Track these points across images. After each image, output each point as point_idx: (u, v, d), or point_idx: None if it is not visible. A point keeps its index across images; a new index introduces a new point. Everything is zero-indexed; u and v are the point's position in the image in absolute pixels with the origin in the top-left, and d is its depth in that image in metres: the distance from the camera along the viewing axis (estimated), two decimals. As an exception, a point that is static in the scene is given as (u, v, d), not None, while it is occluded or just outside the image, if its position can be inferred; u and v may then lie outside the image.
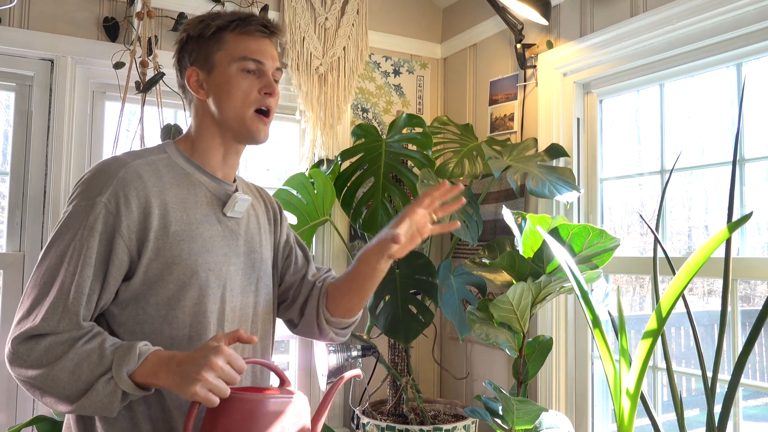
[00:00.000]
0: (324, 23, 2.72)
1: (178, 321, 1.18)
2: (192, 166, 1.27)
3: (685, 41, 1.99)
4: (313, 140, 2.69)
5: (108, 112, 2.43)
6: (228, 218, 1.29)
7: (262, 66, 1.27)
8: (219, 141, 1.29)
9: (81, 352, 1.07)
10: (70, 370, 1.05)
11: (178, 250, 1.17)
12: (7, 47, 2.21)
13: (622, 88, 2.28)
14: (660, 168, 2.16)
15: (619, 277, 2.47)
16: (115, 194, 1.14)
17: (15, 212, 2.26)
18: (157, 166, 1.22)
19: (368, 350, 2.34)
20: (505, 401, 1.68)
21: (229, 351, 1.03)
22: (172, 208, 1.19)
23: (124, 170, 1.17)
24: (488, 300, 1.81)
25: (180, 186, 1.23)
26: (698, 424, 3.02)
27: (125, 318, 1.17)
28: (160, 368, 1.05)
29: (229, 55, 1.26)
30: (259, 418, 1.05)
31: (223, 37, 1.27)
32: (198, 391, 0.99)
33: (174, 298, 1.17)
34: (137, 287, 1.16)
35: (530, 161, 2.28)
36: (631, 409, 1.34)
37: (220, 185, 1.30)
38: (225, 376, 1.01)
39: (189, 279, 1.18)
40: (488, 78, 2.77)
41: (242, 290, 1.30)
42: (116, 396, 1.05)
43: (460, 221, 2.13)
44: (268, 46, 1.30)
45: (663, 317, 1.30)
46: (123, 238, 1.13)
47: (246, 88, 1.26)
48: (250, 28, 1.28)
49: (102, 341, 1.09)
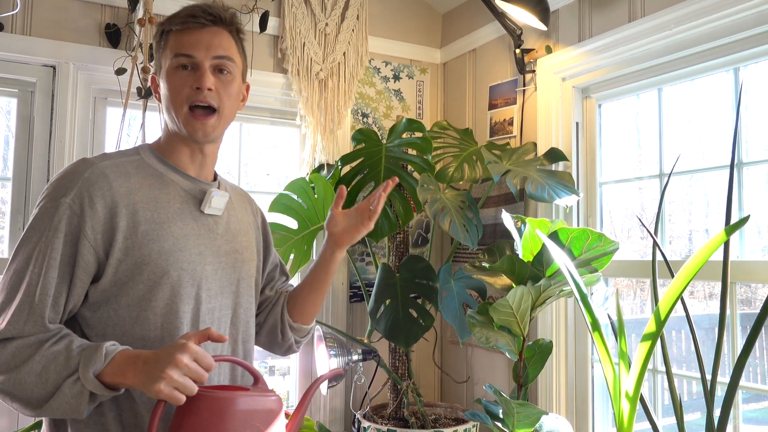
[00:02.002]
0: (324, 29, 2.73)
1: (149, 322, 1.15)
2: (165, 165, 1.25)
3: (683, 46, 2.00)
4: (313, 145, 2.70)
5: (110, 118, 2.45)
6: (206, 216, 1.26)
7: (193, 59, 1.21)
8: (179, 140, 1.26)
9: (48, 354, 1.05)
10: (37, 373, 1.04)
11: (148, 249, 1.15)
12: (10, 54, 2.22)
13: (620, 93, 2.29)
14: (659, 172, 2.17)
15: (620, 281, 2.48)
16: (80, 195, 1.13)
17: (17, 218, 2.27)
18: (126, 167, 1.20)
19: (369, 354, 2.35)
20: (506, 404, 1.68)
21: (195, 348, 1.02)
22: (142, 208, 1.17)
23: (90, 171, 1.15)
24: (488, 304, 1.81)
25: (150, 186, 1.20)
26: (699, 427, 3.02)
27: (96, 320, 1.15)
28: (127, 367, 1.04)
29: (167, 55, 1.23)
30: (227, 417, 1.03)
31: (167, 37, 1.24)
32: (162, 389, 0.98)
33: (145, 299, 1.15)
34: (107, 288, 1.14)
35: (530, 165, 2.29)
36: (631, 411, 1.35)
37: (195, 183, 1.27)
38: (191, 374, 1.00)
39: (160, 279, 1.16)
40: (487, 83, 2.78)
41: (221, 291, 1.26)
42: (83, 397, 1.04)
43: (460, 225, 2.14)
44: (206, 36, 1.22)
45: (662, 320, 1.30)
46: (88, 239, 1.12)
47: (177, 86, 1.21)
48: (189, 23, 1.22)
49: (69, 342, 1.07)
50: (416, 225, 2.94)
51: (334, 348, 2.26)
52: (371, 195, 1.39)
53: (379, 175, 2.36)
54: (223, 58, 1.23)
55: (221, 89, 1.23)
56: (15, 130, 2.30)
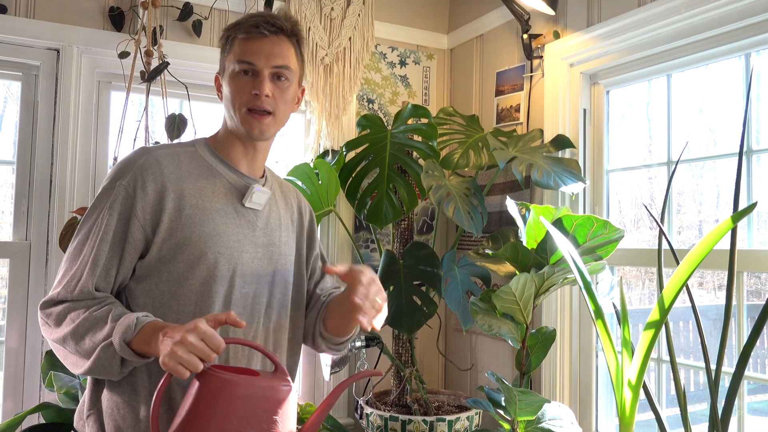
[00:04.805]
0: (330, 13, 2.71)
1: (184, 298, 1.26)
2: (216, 158, 1.36)
3: (692, 31, 1.96)
4: (318, 131, 2.69)
5: (113, 102, 2.44)
6: (247, 209, 1.35)
7: (253, 66, 1.31)
8: (235, 137, 1.36)
9: (91, 318, 1.18)
10: (80, 335, 1.17)
11: (189, 231, 1.26)
12: (13, 37, 2.21)
13: (629, 79, 2.25)
14: (667, 159, 2.14)
15: (628, 271, 2.46)
16: (134, 178, 1.26)
17: (21, 201, 2.27)
18: (179, 156, 1.33)
19: (372, 341, 2.34)
20: (508, 392, 1.67)
21: (204, 328, 1.07)
22: (188, 194, 1.28)
23: (145, 158, 1.29)
24: (491, 291, 1.80)
25: (199, 176, 1.31)
26: (704, 418, 3.01)
27: (140, 292, 1.26)
28: (151, 338, 1.13)
29: (231, 60, 1.34)
30: (230, 398, 1.05)
31: (233, 42, 1.34)
32: (167, 362, 1.05)
33: (183, 276, 1.26)
34: (152, 264, 1.25)
35: (536, 152, 2.27)
36: (633, 400, 1.34)
37: (242, 178, 1.36)
38: (197, 352, 1.05)
39: (198, 259, 1.26)
40: (494, 69, 2.75)
41: (256, 279, 1.34)
42: (115, 361, 1.15)
43: (465, 212, 2.12)
44: (268, 46, 1.32)
45: (666, 308, 1.29)
46: (138, 218, 1.24)
47: (238, 89, 1.32)
48: (252, 32, 1.32)
49: (109, 310, 1.19)
50: (421, 212, 2.92)
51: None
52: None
53: (384, 162, 2.35)
54: (281, 67, 1.33)
55: (278, 95, 1.33)
56: (19, 114, 2.29)
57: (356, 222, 2.78)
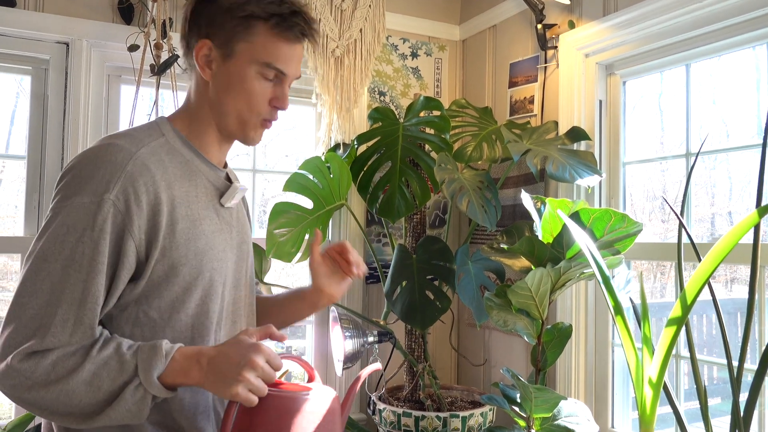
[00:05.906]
0: (340, 5, 2.67)
1: (180, 323, 1.10)
2: (191, 151, 1.17)
3: (712, 19, 1.92)
4: (329, 124, 2.66)
5: (123, 95, 2.42)
6: (224, 209, 1.21)
7: (283, 76, 1.16)
8: (215, 128, 1.19)
9: (97, 361, 0.98)
10: (88, 382, 0.97)
11: (185, 249, 1.09)
12: (23, 30, 2.20)
13: (646, 69, 2.21)
14: (685, 151, 2.09)
15: (640, 264, 2.42)
16: (124, 191, 1.03)
17: (32, 196, 2.27)
18: (159, 154, 1.11)
19: (385, 336, 2.32)
20: (523, 389, 1.65)
21: (268, 349, 1.00)
22: (179, 204, 1.09)
23: (132, 162, 1.05)
24: (506, 286, 1.77)
25: (182, 177, 1.13)
26: (719, 413, 2.97)
27: (124, 321, 1.08)
28: (190, 366, 1.00)
29: (253, 53, 1.13)
30: (295, 416, 1.04)
31: (255, 27, 1.12)
32: (240, 393, 0.96)
33: (179, 300, 1.09)
34: (140, 290, 1.07)
35: (550, 145, 2.23)
36: (654, 398, 1.31)
37: (216, 173, 1.21)
38: (264, 376, 0.99)
39: (195, 280, 1.11)
40: (508, 60, 2.71)
41: (234, 284, 1.23)
42: (146, 402, 0.99)
43: (478, 206, 2.09)
44: (299, 52, 1.17)
45: (688, 304, 1.25)
46: (134, 238, 1.03)
47: (258, 96, 1.15)
48: (288, 33, 1.14)
49: (117, 345, 1.01)
50: (433, 205, 2.89)
51: (350, 329, 2.24)
52: (334, 247, 1.33)
53: (396, 155, 2.32)
54: (299, 77, 1.21)
55: None
56: (29, 108, 2.28)
57: (368, 216, 2.76)
